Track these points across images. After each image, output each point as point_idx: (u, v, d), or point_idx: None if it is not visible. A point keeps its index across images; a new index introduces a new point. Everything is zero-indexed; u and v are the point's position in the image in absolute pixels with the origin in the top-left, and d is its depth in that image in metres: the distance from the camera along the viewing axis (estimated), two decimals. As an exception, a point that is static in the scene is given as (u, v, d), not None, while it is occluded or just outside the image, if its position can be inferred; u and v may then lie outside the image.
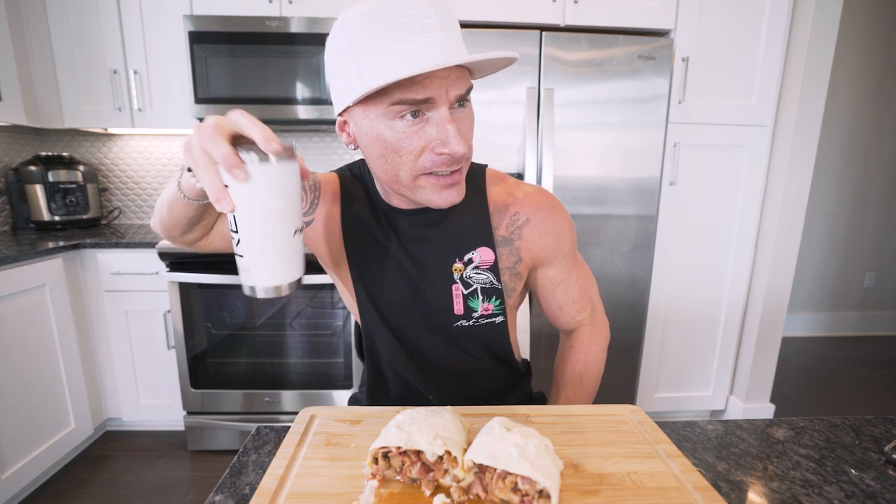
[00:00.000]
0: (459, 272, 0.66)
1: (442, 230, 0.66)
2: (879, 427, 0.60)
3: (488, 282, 0.66)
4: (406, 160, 0.54)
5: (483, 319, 0.67)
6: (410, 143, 0.53)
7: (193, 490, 1.58)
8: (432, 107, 0.52)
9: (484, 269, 0.66)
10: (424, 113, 0.52)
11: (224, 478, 0.49)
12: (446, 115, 0.52)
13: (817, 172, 2.83)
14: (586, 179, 1.69)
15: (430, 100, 0.51)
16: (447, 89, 0.51)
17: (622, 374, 1.87)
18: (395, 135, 0.53)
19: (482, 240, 0.66)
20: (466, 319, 0.67)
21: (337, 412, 0.57)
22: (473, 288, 0.66)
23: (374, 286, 0.68)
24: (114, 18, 1.76)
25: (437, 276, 0.66)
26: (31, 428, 1.51)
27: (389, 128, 0.53)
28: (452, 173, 0.56)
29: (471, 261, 0.66)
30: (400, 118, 0.52)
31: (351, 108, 0.55)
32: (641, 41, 1.61)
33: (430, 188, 0.56)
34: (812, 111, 1.72)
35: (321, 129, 2.11)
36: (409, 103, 0.51)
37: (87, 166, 2.00)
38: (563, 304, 0.75)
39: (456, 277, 0.66)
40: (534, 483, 0.39)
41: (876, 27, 2.80)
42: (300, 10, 1.76)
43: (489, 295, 0.66)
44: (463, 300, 0.66)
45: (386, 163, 0.55)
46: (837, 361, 2.73)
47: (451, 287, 0.66)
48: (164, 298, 1.70)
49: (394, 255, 0.67)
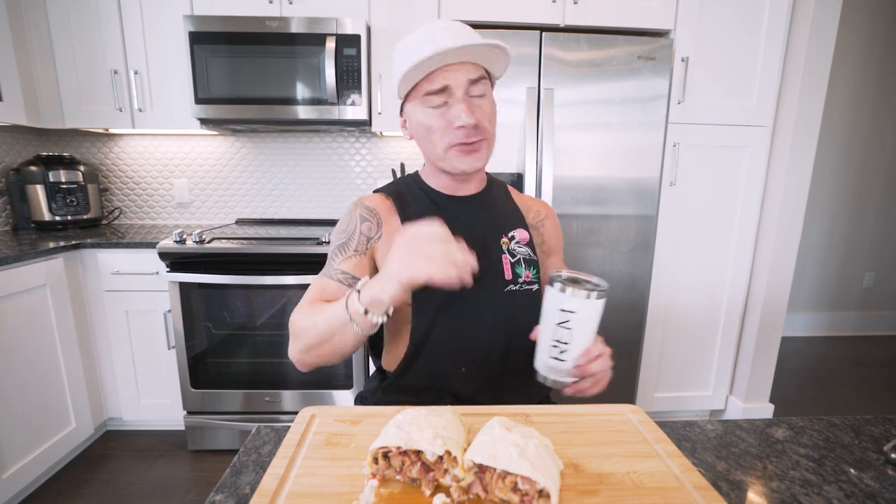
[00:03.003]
0: (506, 245, 0.80)
1: (489, 213, 0.82)
2: (879, 427, 0.61)
3: (527, 254, 0.81)
4: (437, 136, 0.72)
5: (525, 286, 0.79)
6: (438, 122, 0.71)
7: (193, 490, 1.58)
8: (450, 94, 0.70)
9: (523, 244, 0.81)
10: (447, 100, 0.70)
11: (224, 478, 0.49)
12: (460, 98, 0.70)
13: (817, 172, 2.83)
14: (586, 179, 1.69)
15: (447, 87, 0.69)
16: (458, 77, 0.69)
17: (622, 374, 1.87)
18: (428, 118, 0.72)
19: (519, 222, 0.83)
20: (514, 284, 0.78)
21: (337, 412, 0.57)
22: (518, 258, 0.80)
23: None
24: (114, 19, 1.77)
25: (492, 248, 0.79)
26: (32, 428, 1.51)
27: (424, 113, 0.72)
28: (472, 143, 0.72)
29: (513, 237, 0.81)
30: (431, 107, 0.71)
31: (405, 107, 0.76)
32: (641, 41, 1.61)
33: (455, 155, 0.73)
34: (812, 111, 1.72)
35: (321, 129, 2.11)
36: (434, 92, 0.69)
37: (88, 166, 2.00)
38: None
39: (505, 249, 0.80)
40: (534, 483, 0.39)
41: (876, 27, 2.80)
42: (300, 10, 1.76)
43: (528, 264, 0.80)
44: (511, 267, 0.79)
45: (427, 142, 0.74)
46: (837, 361, 2.73)
47: (501, 257, 0.79)
48: (165, 298, 1.70)
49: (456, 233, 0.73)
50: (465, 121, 0.69)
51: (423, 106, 0.72)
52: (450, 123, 0.70)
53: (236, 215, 2.24)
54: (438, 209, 0.79)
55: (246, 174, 2.20)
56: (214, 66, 1.71)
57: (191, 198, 2.22)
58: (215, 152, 2.18)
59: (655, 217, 1.76)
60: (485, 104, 0.72)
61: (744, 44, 1.69)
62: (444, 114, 0.71)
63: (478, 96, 0.71)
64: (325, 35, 1.68)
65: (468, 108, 0.69)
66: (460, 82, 0.69)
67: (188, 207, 2.23)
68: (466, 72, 0.69)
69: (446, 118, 0.71)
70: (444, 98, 0.70)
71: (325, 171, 2.20)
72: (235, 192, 2.22)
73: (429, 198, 0.80)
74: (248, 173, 2.20)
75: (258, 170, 2.20)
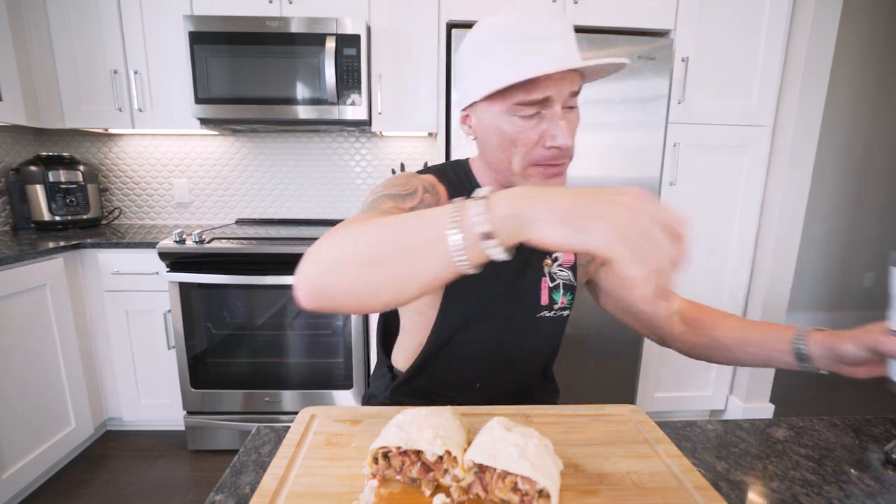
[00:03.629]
0: (549, 267, 0.74)
1: None
2: (879, 427, 0.61)
3: (568, 278, 0.75)
4: (520, 151, 0.61)
5: (559, 311, 0.75)
6: (526, 135, 0.60)
7: (193, 490, 1.58)
8: (548, 105, 0.59)
9: (566, 268, 0.75)
10: (541, 111, 0.60)
11: (224, 478, 0.49)
12: (559, 113, 0.59)
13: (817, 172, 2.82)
14: (586, 179, 1.69)
15: (548, 99, 0.58)
16: (561, 88, 0.59)
17: (622, 374, 1.87)
18: (513, 128, 0.60)
19: None
20: (549, 310, 0.74)
21: (337, 412, 0.57)
22: (557, 283, 0.74)
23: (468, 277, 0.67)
24: (114, 18, 1.77)
25: (534, 269, 0.73)
26: (32, 428, 1.51)
27: (509, 122, 0.60)
28: (558, 166, 0.63)
29: (557, 259, 0.74)
30: (519, 115, 0.60)
31: (476, 104, 0.63)
32: (641, 41, 1.61)
33: (537, 176, 0.63)
34: (812, 111, 1.72)
35: (321, 129, 2.11)
36: (530, 104, 0.58)
37: (88, 166, 2.00)
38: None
39: (546, 271, 0.74)
40: (534, 483, 0.39)
41: (876, 27, 2.80)
42: (300, 10, 1.76)
43: (567, 290, 0.75)
44: (549, 292, 0.73)
45: (501, 152, 0.63)
46: (837, 361, 2.73)
47: (540, 279, 0.73)
48: (165, 298, 1.70)
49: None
50: (564, 143, 0.59)
51: (511, 114, 0.60)
52: (541, 140, 0.60)
53: (236, 215, 2.24)
54: None
55: (246, 174, 2.20)
56: (214, 65, 1.71)
57: (191, 198, 2.22)
58: (215, 152, 2.18)
59: (655, 217, 1.76)
60: (575, 118, 0.64)
61: (744, 44, 1.69)
62: (535, 127, 0.60)
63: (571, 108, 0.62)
64: (325, 35, 1.68)
65: (568, 127, 0.60)
66: (562, 94, 0.59)
67: (188, 207, 2.23)
68: (570, 83, 0.59)
69: (537, 132, 0.60)
70: (539, 109, 0.59)
71: (325, 171, 2.20)
72: (235, 192, 2.22)
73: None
74: (248, 173, 2.20)
75: (258, 170, 2.20)
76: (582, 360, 1.81)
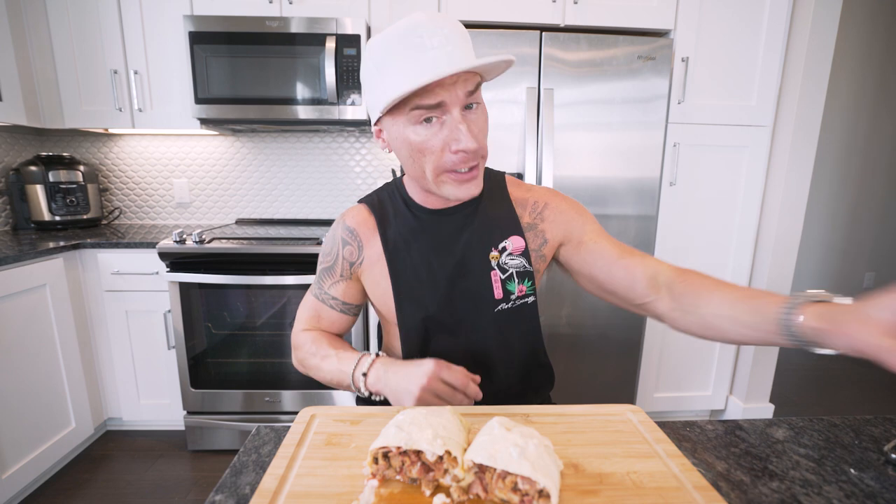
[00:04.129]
0: (496, 259, 0.73)
1: (476, 225, 0.74)
2: (879, 427, 0.61)
3: (521, 266, 0.74)
4: (430, 159, 0.63)
5: (519, 300, 0.74)
6: (432, 143, 0.61)
7: (193, 490, 1.58)
8: (445, 111, 0.60)
9: (517, 255, 0.74)
10: (440, 117, 0.61)
11: (224, 478, 0.49)
12: (458, 117, 0.60)
13: (817, 172, 2.83)
14: (586, 179, 1.69)
15: (442, 104, 0.59)
16: (456, 91, 0.59)
17: (622, 374, 1.87)
18: (418, 137, 0.61)
19: (512, 229, 0.74)
20: (506, 302, 0.74)
21: (337, 412, 0.57)
22: (510, 272, 0.74)
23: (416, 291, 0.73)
24: (114, 18, 1.77)
25: (478, 265, 0.73)
26: (32, 428, 1.51)
27: (414, 132, 0.62)
28: (470, 169, 0.64)
29: (505, 248, 0.74)
30: (421, 123, 0.61)
31: (383, 118, 0.64)
32: (641, 41, 1.61)
33: (451, 183, 0.65)
34: (812, 111, 1.72)
35: (321, 129, 2.11)
36: (425, 108, 0.59)
37: (88, 166, 2.00)
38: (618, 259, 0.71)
39: (494, 265, 0.73)
40: (534, 483, 0.39)
41: (876, 27, 2.80)
42: (300, 10, 1.76)
43: (522, 277, 0.74)
44: (501, 284, 0.73)
45: (414, 162, 0.64)
46: (837, 361, 2.73)
47: (490, 274, 0.73)
48: (165, 298, 1.70)
49: (434, 254, 0.73)
50: (468, 145, 0.60)
51: (413, 124, 0.61)
52: (446, 146, 0.61)
53: (236, 215, 2.24)
54: (420, 226, 0.74)
55: (246, 174, 2.20)
56: (214, 65, 1.71)
57: (191, 198, 2.22)
58: (215, 152, 2.18)
59: (655, 217, 1.76)
60: (480, 117, 0.64)
61: (744, 44, 1.69)
62: (438, 133, 0.61)
63: (473, 109, 0.63)
64: (325, 35, 1.68)
65: (470, 130, 0.60)
66: (458, 97, 0.59)
67: (188, 207, 2.23)
68: (464, 83, 0.59)
69: (441, 139, 0.61)
70: (436, 114, 0.60)
71: (325, 171, 2.20)
72: (235, 192, 2.22)
73: (411, 212, 0.74)
74: (248, 173, 2.20)
75: (258, 170, 2.20)
76: (582, 359, 1.81)
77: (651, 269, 0.69)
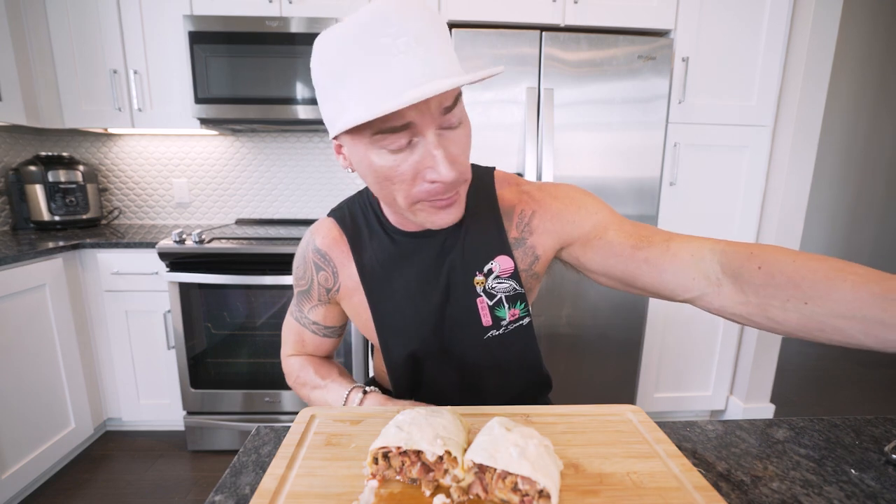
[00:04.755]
0: (482, 284, 0.65)
1: (459, 247, 0.65)
2: (879, 427, 0.60)
3: (511, 289, 0.65)
4: (400, 187, 0.52)
5: (512, 325, 0.66)
6: (401, 171, 0.50)
7: (193, 490, 1.58)
8: (417, 132, 0.48)
9: (505, 278, 0.65)
10: (411, 139, 0.48)
11: (224, 478, 0.49)
12: (433, 141, 0.48)
13: (817, 172, 2.83)
14: (586, 179, 1.69)
15: (412, 125, 0.47)
16: (429, 111, 0.47)
17: (622, 374, 1.87)
18: (384, 162, 0.50)
19: (499, 248, 0.65)
20: (496, 329, 0.66)
21: (337, 412, 0.57)
22: (498, 298, 0.65)
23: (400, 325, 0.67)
24: (114, 18, 1.77)
25: (462, 292, 0.65)
26: (31, 428, 1.51)
27: (378, 156, 0.50)
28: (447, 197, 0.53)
29: (491, 271, 0.65)
30: (389, 149, 0.49)
31: (343, 139, 0.53)
32: (641, 41, 1.61)
33: (427, 211, 0.54)
34: (812, 111, 1.72)
35: (321, 130, 2.11)
36: (390, 131, 0.47)
37: (87, 166, 2.00)
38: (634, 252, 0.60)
39: (479, 290, 0.65)
40: (534, 483, 0.39)
41: (876, 27, 2.80)
42: (300, 10, 1.76)
43: (513, 301, 0.66)
44: (490, 311, 0.65)
45: (381, 188, 0.54)
46: (837, 361, 2.73)
47: (475, 301, 0.65)
48: (164, 298, 1.70)
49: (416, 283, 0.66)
50: (445, 176, 0.48)
51: (377, 147, 0.49)
52: (418, 174, 0.50)
53: (236, 215, 2.24)
54: (399, 251, 0.65)
55: (246, 174, 2.20)
56: (214, 65, 1.71)
57: (190, 198, 2.22)
58: (215, 152, 2.18)
59: (655, 217, 1.76)
60: (460, 135, 0.51)
61: (744, 44, 1.69)
62: (407, 158, 0.49)
63: (452, 127, 0.50)
64: (325, 35, 1.68)
65: (447, 157, 0.49)
66: (430, 118, 0.47)
67: (188, 207, 2.23)
68: (438, 99, 0.47)
69: (412, 166, 0.49)
70: (407, 137, 0.48)
71: (325, 171, 2.20)
72: (235, 192, 2.22)
73: (388, 235, 0.66)
74: (247, 173, 2.20)
75: (258, 170, 2.20)
76: (582, 360, 1.81)
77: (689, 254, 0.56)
